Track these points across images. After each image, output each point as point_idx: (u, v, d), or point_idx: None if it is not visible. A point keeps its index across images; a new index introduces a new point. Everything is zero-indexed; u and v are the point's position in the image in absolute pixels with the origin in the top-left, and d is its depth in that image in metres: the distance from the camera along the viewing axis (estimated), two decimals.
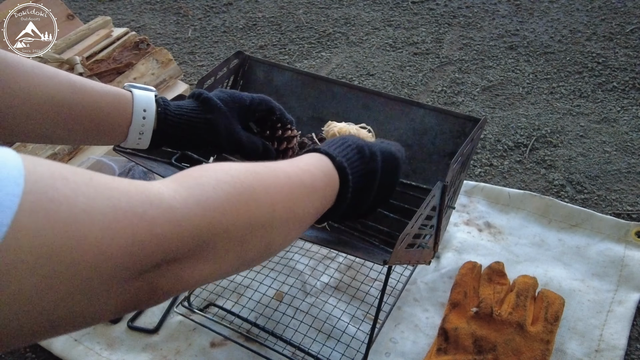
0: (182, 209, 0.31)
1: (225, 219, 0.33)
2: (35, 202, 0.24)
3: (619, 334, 0.73)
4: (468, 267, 0.82)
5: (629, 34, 1.38)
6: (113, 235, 0.27)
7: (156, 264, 0.30)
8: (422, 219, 0.58)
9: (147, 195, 0.30)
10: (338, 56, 1.45)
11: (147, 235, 0.28)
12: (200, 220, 0.32)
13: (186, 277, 0.33)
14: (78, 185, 0.26)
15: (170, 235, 0.30)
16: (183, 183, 0.33)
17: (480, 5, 1.59)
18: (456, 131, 0.74)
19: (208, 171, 0.36)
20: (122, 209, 0.28)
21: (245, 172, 0.37)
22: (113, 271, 0.27)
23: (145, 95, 0.55)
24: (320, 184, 0.44)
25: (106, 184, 0.28)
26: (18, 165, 0.24)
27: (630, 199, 0.94)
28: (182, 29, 1.65)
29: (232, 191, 0.35)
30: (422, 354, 0.75)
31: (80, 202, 0.26)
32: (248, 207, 0.35)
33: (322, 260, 0.88)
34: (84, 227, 0.25)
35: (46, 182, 0.25)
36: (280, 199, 0.38)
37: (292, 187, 0.40)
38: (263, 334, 0.78)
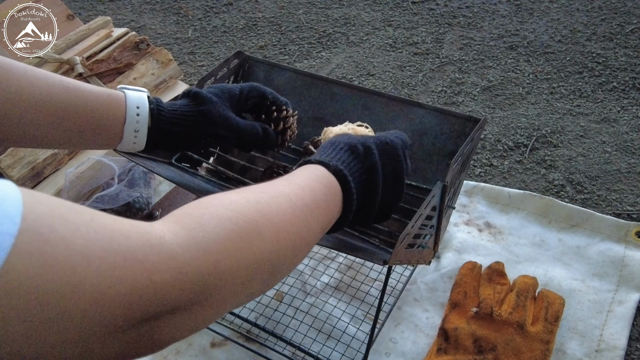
0: (184, 255, 0.29)
1: (229, 261, 0.32)
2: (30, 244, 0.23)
3: (619, 334, 0.73)
4: (468, 267, 0.82)
5: (629, 34, 1.38)
6: (110, 282, 0.25)
7: (155, 314, 0.28)
8: (422, 219, 0.58)
9: (148, 239, 0.28)
10: (338, 56, 1.45)
11: (146, 282, 0.27)
12: (203, 266, 0.30)
13: (189, 326, 0.31)
14: (77, 225, 0.25)
15: (171, 283, 0.28)
16: (184, 224, 0.32)
17: (480, 5, 1.59)
18: (456, 131, 0.74)
19: (208, 208, 0.34)
20: (121, 254, 0.26)
21: (247, 204, 0.36)
22: (109, 321, 0.26)
23: (137, 94, 0.55)
24: (321, 197, 0.43)
25: (106, 225, 0.27)
26: (17, 202, 0.23)
27: (630, 199, 0.94)
28: (182, 29, 1.65)
29: (234, 228, 0.33)
30: (422, 354, 0.75)
31: (79, 245, 0.25)
32: (252, 244, 0.34)
33: (322, 261, 0.88)
34: (81, 272, 0.24)
35: (44, 222, 0.24)
36: (285, 227, 0.37)
37: (295, 210, 0.38)
38: (263, 334, 0.78)
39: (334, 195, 0.45)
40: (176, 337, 0.31)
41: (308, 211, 0.40)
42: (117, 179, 0.95)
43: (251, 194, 0.38)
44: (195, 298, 0.30)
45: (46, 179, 0.99)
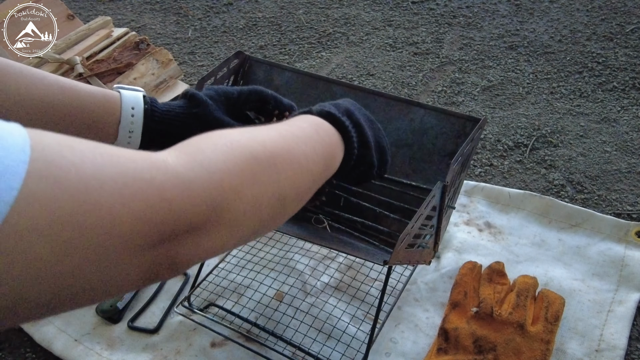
0: (188, 173, 0.31)
1: (231, 179, 0.33)
2: (44, 169, 0.24)
3: (619, 333, 0.73)
4: (468, 267, 0.82)
5: (629, 33, 1.38)
6: (124, 200, 0.26)
7: (172, 231, 0.29)
8: (422, 219, 0.58)
9: (152, 161, 0.30)
10: (338, 56, 1.45)
11: (158, 200, 0.28)
12: (208, 183, 0.32)
13: (205, 244, 0.32)
14: (84, 153, 0.26)
15: (181, 199, 0.30)
16: (183, 150, 0.33)
17: (481, 5, 1.59)
18: (456, 131, 0.74)
19: (203, 138, 0.36)
20: (130, 175, 0.27)
21: (239, 134, 0.38)
22: (128, 238, 0.27)
23: (132, 94, 0.56)
24: (310, 130, 0.45)
25: (112, 151, 0.28)
26: (23, 134, 0.24)
27: (630, 199, 0.94)
28: (182, 29, 1.65)
29: (230, 152, 0.35)
30: (422, 354, 0.75)
31: (89, 169, 0.26)
32: (250, 164, 0.35)
33: (322, 261, 0.88)
34: (95, 192, 0.25)
35: (53, 150, 0.25)
36: (279, 152, 0.38)
37: (285, 139, 0.40)
38: (263, 334, 0.78)
39: (325, 129, 0.47)
40: (195, 257, 0.32)
41: (300, 141, 0.42)
42: None
43: (243, 128, 0.40)
44: (207, 215, 0.31)
45: None
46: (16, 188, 0.22)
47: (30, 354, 0.80)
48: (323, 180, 0.46)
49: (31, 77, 0.50)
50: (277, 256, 0.90)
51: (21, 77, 0.49)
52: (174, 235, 0.30)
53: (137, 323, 0.82)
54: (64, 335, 0.81)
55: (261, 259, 0.90)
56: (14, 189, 0.22)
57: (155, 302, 0.85)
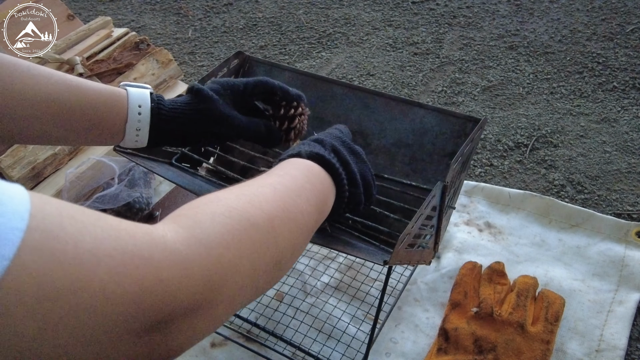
0: (187, 251, 0.30)
1: (230, 253, 0.32)
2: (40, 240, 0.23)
3: (620, 334, 0.73)
4: (468, 267, 0.82)
5: (629, 34, 1.38)
6: (119, 279, 0.25)
7: (168, 316, 0.28)
8: (422, 219, 0.58)
9: (152, 237, 0.28)
10: (338, 56, 1.45)
11: (154, 280, 0.27)
12: (207, 261, 0.30)
13: (203, 327, 0.31)
14: (85, 225, 0.25)
15: (179, 280, 0.28)
16: (181, 223, 0.32)
17: (481, 5, 1.59)
18: (456, 131, 0.74)
19: (200, 206, 0.35)
20: (129, 252, 0.26)
21: (235, 198, 0.36)
22: (121, 321, 0.25)
23: (139, 92, 0.56)
24: (303, 180, 0.44)
25: (113, 225, 0.27)
26: (24, 201, 0.23)
27: (630, 199, 0.94)
28: (182, 29, 1.65)
29: (229, 222, 0.33)
30: (422, 354, 0.75)
31: (87, 243, 0.25)
32: (249, 234, 0.34)
33: (322, 261, 0.88)
34: (89, 269, 0.24)
35: (53, 220, 0.24)
36: (276, 214, 0.37)
37: (281, 196, 0.39)
38: (263, 334, 0.78)
39: (316, 175, 0.46)
40: (192, 340, 0.31)
41: (294, 195, 0.41)
42: (117, 179, 0.95)
43: (237, 189, 0.39)
44: (204, 295, 0.30)
45: (46, 179, 0.99)
46: (8, 258, 0.21)
47: None
48: (316, 229, 0.45)
49: (38, 75, 0.50)
50: None
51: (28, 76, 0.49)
52: (170, 320, 0.28)
53: None
54: None
55: None
56: (6, 258, 0.21)
57: None
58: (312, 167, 0.47)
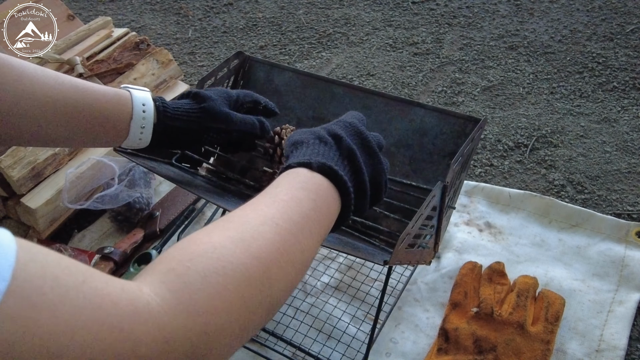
0: (171, 323, 0.28)
1: (218, 319, 0.31)
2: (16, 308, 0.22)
3: (620, 334, 0.73)
4: (468, 267, 0.82)
5: (629, 34, 1.38)
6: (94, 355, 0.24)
7: None
8: (422, 219, 0.58)
9: (135, 306, 0.27)
10: (338, 56, 1.45)
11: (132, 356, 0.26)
12: (192, 331, 0.29)
13: None
14: (67, 290, 0.24)
15: (157, 354, 0.27)
16: (170, 286, 0.30)
17: (481, 6, 1.59)
18: (456, 131, 0.74)
19: (192, 260, 0.32)
20: (107, 324, 0.25)
21: (232, 246, 0.34)
22: None
23: (142, 93, 0.58)
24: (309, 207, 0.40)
25: (97, 290, 0.26)
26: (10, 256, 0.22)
27: (630, 199, 0.94)
28: (183, 29, 1.65)
29: (221, 281, 0.31)
30: (422, 354, 0.75)
31: (65, 312, 0.24)
32: (242, 294, 0.32)
33: (323, 261, 0.88)
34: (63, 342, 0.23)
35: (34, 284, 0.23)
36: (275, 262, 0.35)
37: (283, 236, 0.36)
38: (263, 334, 0.78)
39: (324, 197, 0.43)
40: None
41: (297, 230, 0.38)
42: (117, 179, 0.95)
43: (235, 228, 0.35)
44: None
45: (46, 179, 0.99)
46: None
47: None
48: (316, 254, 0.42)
49: (45, 77, 0.51)
50: None
51: (35, 77, 0.50)
52: None
53: None
54: None
55: None
56: None
57: None
58: (321, 184, 0.43)
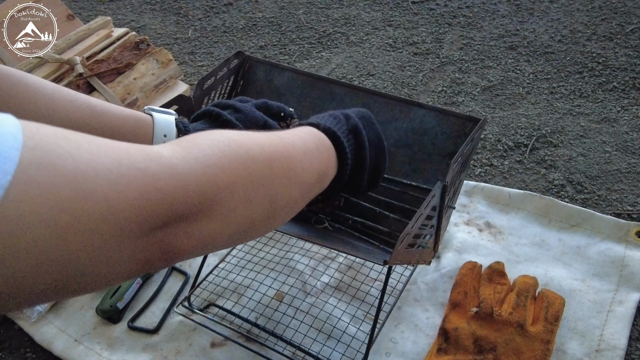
0: (183, 165, 0.32)
1: (225, 175, 0.34)
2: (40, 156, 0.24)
3: (620, 333, 0.73)
4: (468, 267, 0.82)
5: (629, 33, 1.38)
6: (120, 188, 0.27)
7: (165, 220, 0.30)
8: (422, 219, 0.58)
9: (147, 153, 0.30)
10: (338, 56, 1.45)
11: (152, 189, 0.29)
12: (201, 176, 0.32)
13: (196, 235, 0.33)
14: (80, 143, 0.27)
15: (174, 189, 0.30)
16: (180, 144, 0.34)
17: (481, 5, 1.59)
18: (456, 131, 0.74)
19: (202, 134, 0.37)
20: (125, 165, 0.28)
21: (238, 134, 0.38)
22: (123, 225, 0.28)
23: (165, 119, 0.55)
24: (312, 145, 0.45)
25: (107, 143, 0.29)
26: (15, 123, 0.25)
27: (630, 199, 0.94)
28: (182, 29, 1.65)
29: (227, 149, 0.35)
30: (422, 354, 0.75)
31: (85, 158, 0.26)
32: (245, 163, 0.36)
33: (322, 261, 0.88)
34: (91, 180, 0.26)
35: (50, 140, 0.26)
36: (277, 157, 0.39)
37: (285, 146, 0.41)
38: (263, 334, 0.78)
39: (326, 148, 0.47)
40: (187, 247, 0.33)
41: (300, 151, 0.42)
42: None
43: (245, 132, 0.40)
44: (198, 205, 0.32)
45: None
46: (10, 172, 0.23)
47: (31, 354, 0.80)
48: (313, 195, 0.46)
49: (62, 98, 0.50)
50: (277, 256, 0.90)
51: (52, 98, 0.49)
52: (166, 224, 0.30)
53: (137, 323, 0.82)
54: (64, 336, 0.81)
55: (261, 259, 0.90)
56: (8, 173, 0.23)
57: (155, 302, 0.85)
58: (324, 141, 0.48)
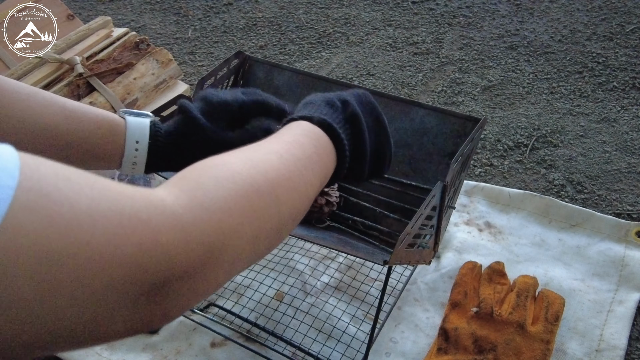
0: (187, 215, 0.29)
1: (232, 219, 0.32)
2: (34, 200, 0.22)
3: (619, 333, 0.73)
4: (468, 267, 0.82)
5: (629, 33, 1.38)
6: (118, 242, 0.25)
7: (166, 279, 0.28)
8: (422, 219, 0.58)
9: (150, 200, 0.28)
10: (338, 56, 1.45)
11: (152, 243, 0.27)
12: (207, 225, 0.30)
13: (202, 289, 0.31)
14: (81, 186, 0.25)
15: (177, 243, 0.28)
16: (183, 187, 0.31)
17: (481, 5, 1.59)
18: (456, 131, 0.74)
19: (204, 169, 0.34)
20: (126, 215, 0.26)
21: (241, 163, 0.36)
22: (119, 284, 0.25)
23: (138, 124, 0.55)
24: (311, 150, 0.43)
25: (110, 187, 0.27)
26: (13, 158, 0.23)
27: (630, 199, 0.94)
28: (182, 29, 1.65)
29: (233, 187, 0.33)
30: (422, 354, 0.75)
31: (84, 204, 0.24)
32: (252, 201, 0.34)
33: (322, 260, 0.88)
34: (87, 231, 0.24)
35: (48, 181, 0.24)
36: (281, 183, 0.37)
37: (287, 165, 0.39)
38: (263, 334, 0.78)
39: (324, 147, 0.46)
40: (190, 303, 0.31)
41: (301, 165, 0.40)
42: (117, 179, 0.95)
43: (243, 153, 0.38)
44: (203, 259, 0.30)
45: None
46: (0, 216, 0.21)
47: None
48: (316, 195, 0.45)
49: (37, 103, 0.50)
50: (277, 256, 0.90)
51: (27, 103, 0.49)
52: (168, 283, 0.28)
53: None
54: None
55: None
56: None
57: None
58: (321, 137, 0.46)
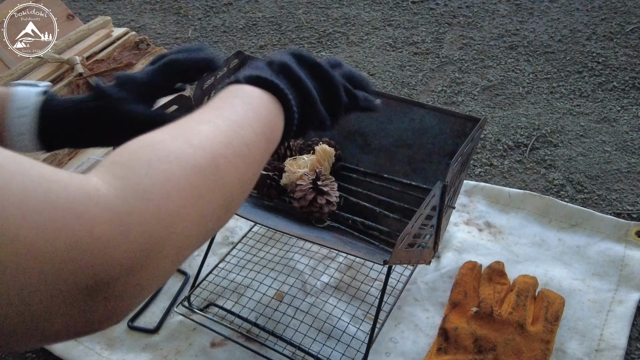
0: (123, 205, 0.27)
1: (172, 204, 0.29)
2: None
3: (619, 333, 0.73)
4: (468, 266, 0.82)
5: (629, 33, 1.38)
6: (47, 236, 0.23)
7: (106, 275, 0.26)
8: (422, 218, 0.58)
9: (85, 190, 0.26)
10: (338, 56, 1.45)
11: (87, 238, 0.25)
12: (145, 213, 0.28)
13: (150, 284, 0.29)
14: (13, 174, 0.23)
15: (114, 236, 0.26)
16: (116, 173, 0.29)
17: (480, 5, 1.59)
18: (456, 131, 0.74)
19: (135, 151, 0.31)
20: (59, 207, 0.24)
21: (172, 139, 0.33)
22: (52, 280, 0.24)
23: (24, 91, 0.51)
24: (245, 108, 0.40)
25: (44, 175, 0.25)
26: None
27: (630, 199, 0.94)
28: (182, 29, 1.65)
29: (168, 167, 0.30)
30: (422, 353, 0.75)
31: (13, 195, 0.23)
32: (191, 179, 0.31)
33: (322, 260, 0.88)
34: (14, 223, 0.22)
35: None
36: (219, 149, 0.34)
37: (223, 131, 0.36)
38: (263, 334, 0.78)
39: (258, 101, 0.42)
40: (139, 299, 0.29)
41: (237, 126, 0.37)
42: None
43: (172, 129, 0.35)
44: (145, 251, 0.28)
45: None
46: None
47: (30, 353, 0.80)
48: (268, 157, 0.42)
49: None
50: (277, 256, 0.90)
51: None
52: (110, 279, 0.26)
53: (137, 323, 0.82)
54: None
55: (261, 259, 0.90)
56: None
57: (155, 302, 0.85)
58: (252, 92, 0.42)
